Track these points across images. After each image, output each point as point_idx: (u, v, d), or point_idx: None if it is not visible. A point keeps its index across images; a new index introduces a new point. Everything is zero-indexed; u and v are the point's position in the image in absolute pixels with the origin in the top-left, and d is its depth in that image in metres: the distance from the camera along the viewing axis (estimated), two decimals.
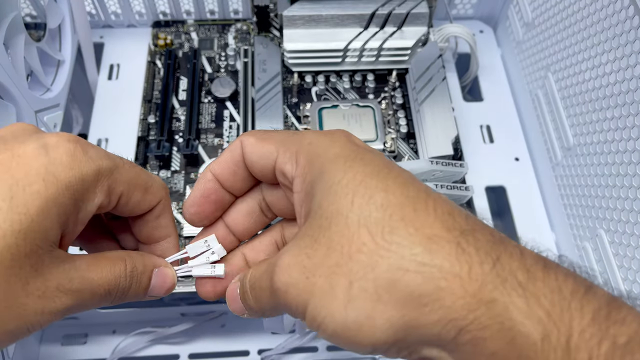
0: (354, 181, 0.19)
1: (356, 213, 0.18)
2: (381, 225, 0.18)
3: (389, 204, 0.18)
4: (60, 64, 0.44)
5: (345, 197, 0.19)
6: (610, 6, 0.36)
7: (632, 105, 0.33)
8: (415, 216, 0.18)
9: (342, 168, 0.20)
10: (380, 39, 0.47)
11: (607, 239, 0.36)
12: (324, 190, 0.20)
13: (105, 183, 0.22)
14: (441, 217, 0.18)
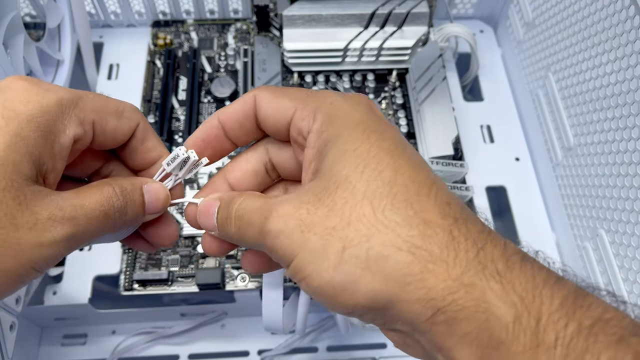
0: (369, 153, 0.20)
1: (364, 184, 0.19)
2: (385, 201, 0.19)
3: (396, 183, 0.19)
4: (59, 64, 0.44)
5: (357, 166, 0.20)
6: (610, 6, 0.35)
7: (633, 105, 0.33)
8: (417, 199, 0.19)
9: (360, 137, 0.20)
10: (380, 39, 0.47)
11: (607, 239, 0.36)
12: (338, 154, 0.20)
13: (72, 113, 0.21)
14: (440, 205, 0.19)
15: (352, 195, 0.19)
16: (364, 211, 0.19)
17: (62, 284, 0.40)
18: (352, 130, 0.21)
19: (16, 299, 0.35)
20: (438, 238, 0.18)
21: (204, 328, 0.44)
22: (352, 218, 0.19)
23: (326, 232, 0.19)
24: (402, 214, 0.19)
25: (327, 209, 0.19)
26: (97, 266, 0.40)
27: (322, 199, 0.20)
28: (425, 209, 0.19)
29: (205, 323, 0.43)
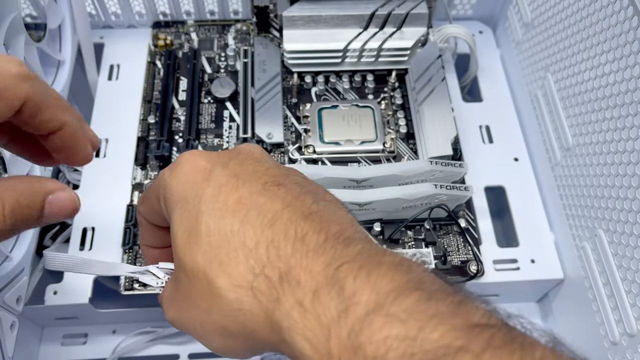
0: (185, 235, 0.22)
1: (190, 265, 0.22)
2: (206, 276, 0.21)
3: (210, 249, 0.21)
4: (60, 65, 0.44)
5: (180, 250, 0.22)
6: (609, 7, 0.36)
7: (632, 105, 0.33)
8: (228, 261, 0.21)
9: (176, 219, 0.23)
10: (379, 40, 0.47)
11: (606, 239, 0.37)
12: (172, 241, 0.23)
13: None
14: (247, 259, 0.20)
15: (186, 277, 0.23)
16: (198, 289, 0.22)
17: (62, 284, 0.40)
18: (173, 212, 0.24)
19: (17, 298, 0.35)
20: (245, 294, 0.20)
21: None
22: (194, 298, 0.23)
23: (188, 314, 0.23)
24: (220, 281, 0.21)
25: (182, 294, 0.23)
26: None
27: (177, 284, 0.24)
28: (235, 271, 0.21)
29: None
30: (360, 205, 0.38)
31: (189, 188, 0.23)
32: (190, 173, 0.24)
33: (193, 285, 0.22)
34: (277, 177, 0.23)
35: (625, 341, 0.34)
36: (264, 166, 0.24)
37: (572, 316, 0.42)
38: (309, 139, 0.44)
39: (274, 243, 0.20)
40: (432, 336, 0.16)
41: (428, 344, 0.16)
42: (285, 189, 0.22)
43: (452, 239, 0.42)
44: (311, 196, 0.22)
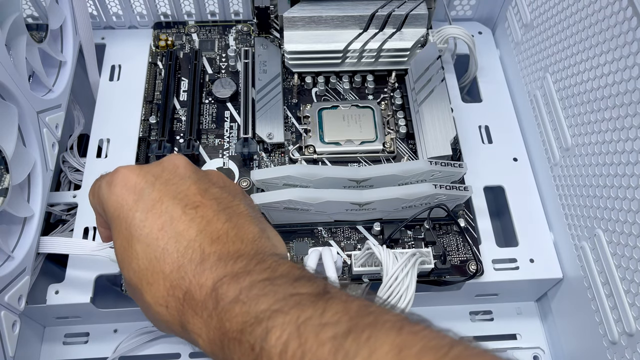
0: (120, 252, 0.28)
1: (127, 277, 0.28)
2: (139, 290, 0.27)
3: (139, 271, 0.27)
4: (61, 65, 0.44)
5: (118, 260, 0.28)
6: (608, 7, 0.36)
7: (630, 106, 0.34)
8: (152, 283, 0.27)
9: (114, 234, 0.28)
10: (379, 40, 0.47)
11: (605, 239, 0.37)
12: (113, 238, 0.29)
13: None
14: (164, 282, 0.26)
15: (126, 281, 0.29)
16: (133, 291, 0.28)
17: (64, 283, 0.40)
18: (111, 228, 0.29)
19: (18, 298, 0.35)
20: (162, 310, 0.27)
21: None
22: (134, 294, 0.29)
23: (132, 296, 0.30)
24: (147, 300, 0.27)
25: (125, 283, 0.31)
26: (99, 265, 0.40)
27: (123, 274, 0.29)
28: (156, 292, 0.27)
29: None
30: (360, 205, 0.39)
31: (121, 208, 0.28)
32: (123, 191, 0.28)
33: (132, 290, 0.28)
34: (195, 197, 0.28)
35: (624, 340, 0.34)
36: (186, 184, 0.29)
37: (571, 315, 0.42)
38: (310, 139, 0.45)
39: (182, 268, 0.26)
40: (261, 306, 0.23)
41: (257, 312, 0.23)
42: (202, 210, 0.27)
43: (451, 239, 0.42)
44: (225, 214, 0.28)
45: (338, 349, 0.20)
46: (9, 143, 0.34)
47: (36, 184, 0.38)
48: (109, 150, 0.46)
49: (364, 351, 0.20)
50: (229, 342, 0.23)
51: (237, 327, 0.23)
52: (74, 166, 0.47)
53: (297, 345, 0.21)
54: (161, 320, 0.27)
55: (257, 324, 0.23)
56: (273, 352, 0.21)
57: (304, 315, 0.22)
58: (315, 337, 0.21)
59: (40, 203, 0.38)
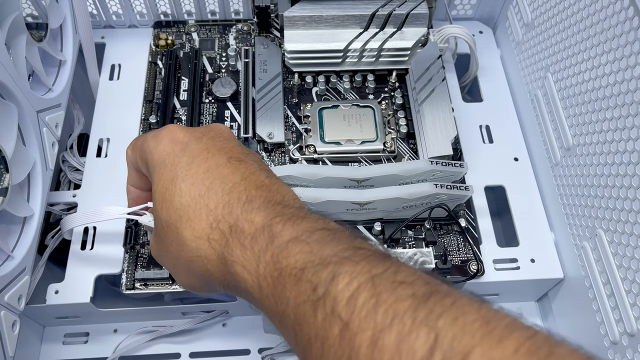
0: (161, 194, 0.28)
1: (165, 219, 0.27)
2: (177, 228, 0.27)
3: (181, 207, 0.27)
4: (61, 64, 0.44)
5: (158, 205, 0.28)
6: (610, 7, 0.36)
7: (632, 105, 0.34)
8: (194, 216, 0.26)
9: (155, 179, 0.28)
10: (380, 40, 0.47)
11: (606, 239, 0.37)
12: (152, 197, 0.29)
13: None
14: (207, 217, 0.26)
15: (161, 226, 0.28)
16: (171, 237, 0.28)
17: (64, 283, 0.40)
18: (153, 174, 0.29)
19: (18, 297, 0.35)
20: (205, 245, 0.26)
21: (205, 327, 0.44)
22: (167, 244, 0.28)
23: (165, 255, 0.30)
24: (187, 233, 0.27)
25: (160, 240, 0.29)
26: (99, 265, 0.40)
27: (156, 232, 0.30)
28: (198, 227, 0.26)
29: (207, 321, 0.44)
30: (361, 205, 0.39)
31: (167, 155, 0.28)
32: (169, 143, 0.29)
33: (166, 235, 0.28)
34: (239, 154, 0.28)
35: (626, 340, 0.34)
36: (230, 144, 0.29)
37: (572, 315, 0.42)
38: (310, 139, 0.44)
39: (229, 204, 0.26)
40: (327, 251, 0.22)
41: (324, 255, 0.22)
42: (245, 164, 0.28)
43: (452, 239, 0.42)
44: (265, 173, 0.28)
45: (419, 306, 0.19)
46: (8, 142, 0.34)
47: (36, 183, 0.38)
48: (109, 149, 0.46)
49: (449, 314, 0.19)
50: (284, 279, 0.23)
51: (298, 264, 0.22)
52: (73, 166, 0.47)
53: (370, 295, 0.20)
54: (198, 256, 0.26)
55: (322, 266, 0.22)
56: (340, 297, 0.20)
57: (376, 269, 0.21)
58: (392, 292, 0.20)
59: (40, 202, 0.38)
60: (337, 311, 0.20)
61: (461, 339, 0.18)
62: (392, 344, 0.19)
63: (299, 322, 0.22)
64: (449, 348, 0.18)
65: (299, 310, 0.22)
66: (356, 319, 0.20)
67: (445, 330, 0.18)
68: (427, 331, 0.18)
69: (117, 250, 0.41)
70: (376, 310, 0.20)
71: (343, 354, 0.20)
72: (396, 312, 0.19)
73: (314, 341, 0.21)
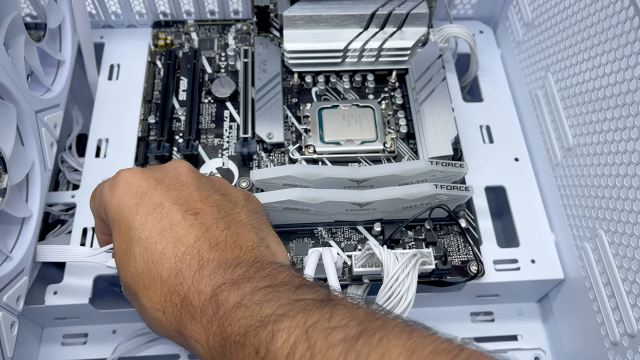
0: (118, 255, 0.28)
1: (124, 279, 0.29)
2: (135, 294, 0.28)
3: (137, 274, 0.27)
4: (60, 64, 0.44)
5: (117, 263, 0.29)
6: (610, 7, 0.36)
7: (632, 105, 0.33)
8: (149, 287, 0.27)
9: (113, 237, 0.29)
10: (380, 39, 0.47)
11: (606, 240, 0.37)
12: (113, 242, 0.29)
13: None
14: (162, 287, 0.27)
15: (124, 283, 0.29)
16: (130, 294, 0.29)
17: (62, 284, 0.40)
18: (111, 230, 0.30)
19: (17, 298, 0.35)
20: (159, 316, 0.27)
21: None
22: (131, 297, 0.30)
23: (129, 297, 0.30)
24: (144, 299, 0.27)
25: (123, 285, 0.30)
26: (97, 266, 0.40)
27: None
28: (153, 296, 0.27)
29: None
30: (361, 206, 0.38)
31: (122, 211, 0.28)
32: (124, 195, 0.29)
33: (129, 293, 0.29)
34: (196, 204, 0.29)
35: (626, 341, 0.34)
36: (187, 190, 0.29)
37: (572, 316, 0.42)
38: (310, 139, 0.44)
39: (181, 273, 0.26)
40: (266, 311, 0.23)
41: (262, 316, 0.23)
42: (201, 218, 0.28)
43: (452, 239, 0.42)
44: (224, 222, 0.28)
45: (349, 350, 0.20)
46: (7, 143, 0.34)
47: (34, 184, 0.38)
48: (108, 150, 0.46)
49: (376, 352, 0.20)
50: (230, 346, 0.24)
51: (240, 330, 0.23)
52: (72, 166, 0.47)
53: (306, 348, 0.21)
54: (158, 325, 0.27)
55: (262, 327, 0.23)
56: (280, 354, 0.21)
57: (311, 319, 0.22)
58: (325, 340, 0.21)
59: (38, 203, 0.38)
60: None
61: None
62: None
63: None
64: None
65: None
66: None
67: None
68: None
69: None
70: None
71: None
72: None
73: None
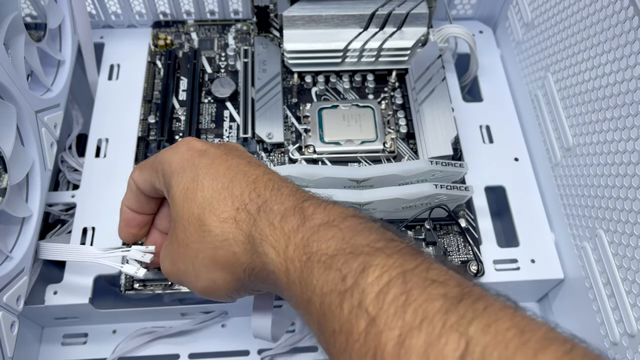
0: (182, 192, 0.28)
1: (186, 216, 0.27)
2: (199, 221, 0.27)
3: (204, 201, 0.27)
4: (60, 64, 0.44)
5: (178, 205, 0.28)
6: (610, 6, 0.36)
7: (632, 105, 0.33)
8: (217, 205, 0.26)
9: (175, 183, 0.28)
10: (380, 40, 0.47)
11: (606, 239, 0.37)
12: (170, 202, 0.29)
13: None
14: (233, 201, 0.26)
15: (182, 227, 0.28)
16: (190, 233, 0.27)
17: (62, 284, 0.40)
18: (171, 178, 0.29)
19: (17, 298, 0.35)
20: (230, 226, 0.26)
21: (204, 327, 0.44)
22: (188, 242, 0.27)
23: (181, 258, 0.28)
24: (210, 222, 0.26)
25: (176, 243, 0.28)
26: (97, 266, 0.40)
27: (172, 237, 0.29)
28: (224, 211, 0.26)
29: (206, 322, 0.44)
30: (361, 205, 0.38)
31: (186, 161, 0.29)
32: (187, 151, 0.29)
33: (188, 231, 0.27)
34: (258, 161, 0.30)
35: (626, 341, 0.34)
36: (247, 155, 0.30)
37: (572, 316, 0.42)
38: (309, 139, 0.44)
39: (256, 190, 0.26)
40: (359, 240, 0.22)
41: (356, 243, 0.22)
42: (265, 166, 0.29)
43: (452, 239, 0.42)
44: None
45: (450, 309, 0.18)
46: (7, 143, 0.34)
47: (34, 183, 0.38)
48: (108, 150, 0.46)
49: (480, 320, 0.18)
50: (312, 264, 0.22)
51: (329, 251, 0.22)
52: (72, 166, 0.47)
53: (400, 292, 0.19)
54: (224, 239, 0.26)
55: (353, 256, 0.21)
56: (369, 290, 0.20)
57: (408, 264, 0.20)
58: (423, 290, 0.19)
59: (38, 203, 0.38)
60: (364, 305, 0.20)
61: (493, 349, 0.17)
62: (420, 346, 0.18)
63: (324, 312, 0.21)
64: (480, 358, 0.17)
65: (325, 299, 0.21)
66: (384, 315, 0.19)
67: (477, 338, 0.17)
68: (458, 337, 0.18)
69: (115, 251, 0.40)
70: (405, 308, 0.19)
71: (368, 351, 0.19)
72: (426, 313, 0.19)
73: (338, 334, 0.20)
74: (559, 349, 0.17)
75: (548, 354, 0.17)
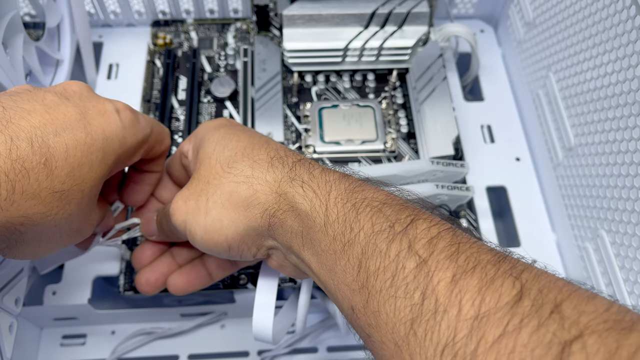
0: (218, 137, 0.29)
1: (215, 155, 0.28)
2: (229, 160, 0.27)
3: (237, 147, 0.27)
4: (59, 64, 0.43)
5: (210, 146, 0.28)
6: (611, 6, 0.35)
7: (634, 105, 0.33)
8: (252, 151, 0.27)
9: (213, 132, 0.29)
10: (380, 39, 0.46)
11: (608, 240, 0.36)
12: (201, 147, 0.29)
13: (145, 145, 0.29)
14: (268, 151, 0.27)
15: (209, 164, 0.27)
16: (216, 171, 0.27)
17: (61, 284, 0.39)
18: (209, 132, 0.30)
19: (15, 300, 0.35)
20: (261, 167, 0.26)
21: (203, 328, 0.44)
22: (210, 178, 0.27)
23: (197, 194, 0.27)
24: (240, 161, 0.27)
25: (197, 181, 0.28)
26: (96, 266, 0.40)
27: (194, 177, 0.28)
28: (257, 155, 0.27)
29: (205, 323, 0.43)
30: None
31: (224, 122, 0.31)
32: (224, 120, 0.31)
33: (214, 169, 0.27)
34: None
35: None
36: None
37: None
38: (310, 139, 0.44)
39: (291, 151, 0.27)
40: (402, 201, 0.23)
41: (401, 201, 0.23)
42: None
43: None
44: None
45: (500, 260, 0.19)
46: None
47: None
48: None
49: (532, 270, 0.19)
50: (359, 208, 0.22)
51: (375, 202, 0.22)
52: None
53: (450, 243, 0.20)
54: (248, 176, 0.26)
55: (403, 207, 0.22)
56: (420, 237, 0.20)
57: (452, 227, 0.21)
58: (472, 244, 0.20)
59: None
60: (415, 249, 0.20)
61: (548, 292, 0.17)
62: (475, 286, 0.18)
63: (367, 252, 0.21)
64: (537, 297, 0.17)
65: (371, 240, 0.21)
66: (435, 259, 0.19)
67: (531, 282, 0.18)
68: (512, 280, 0.18)
69: (115, 251, 0.40)
70: (458, 256, 0.19)
71: (417, 287, 0.19)
72: (478, 261, 0.19)
73: (381, 272, 0.20)
74: (606, 300, 0.17)
75: (600, 299, 0.17)
